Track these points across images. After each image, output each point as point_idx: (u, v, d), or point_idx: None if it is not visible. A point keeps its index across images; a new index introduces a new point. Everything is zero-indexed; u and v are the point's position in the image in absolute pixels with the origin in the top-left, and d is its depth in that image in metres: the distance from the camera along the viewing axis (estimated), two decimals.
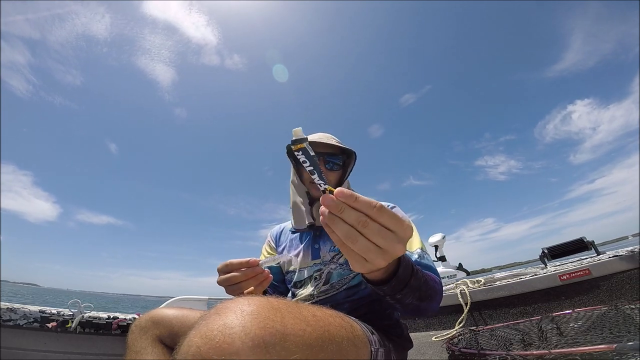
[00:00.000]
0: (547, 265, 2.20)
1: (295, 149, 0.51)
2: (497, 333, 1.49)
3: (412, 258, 0.84)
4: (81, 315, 1.40)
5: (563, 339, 1.15)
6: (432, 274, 0.82)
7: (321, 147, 1.00)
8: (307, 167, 0.51)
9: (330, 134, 1.07)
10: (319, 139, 1.01)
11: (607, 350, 0.80)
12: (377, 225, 0.47)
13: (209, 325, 0.48)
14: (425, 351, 1.72)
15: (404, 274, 0.52)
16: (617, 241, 56.68)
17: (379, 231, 0.47)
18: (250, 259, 0.67)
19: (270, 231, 1.18)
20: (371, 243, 0.47)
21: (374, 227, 0.47)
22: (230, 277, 0.66)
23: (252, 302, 0.49)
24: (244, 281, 0.66)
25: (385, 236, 0.47)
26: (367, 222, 0.47)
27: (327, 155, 1.00)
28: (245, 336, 0.49)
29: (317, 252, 0.96)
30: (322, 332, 0.50)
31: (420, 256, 0.84)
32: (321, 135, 1.05)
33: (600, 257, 1.82)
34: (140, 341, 0.75)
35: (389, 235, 0.47)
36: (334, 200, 0.48)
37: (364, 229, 0.47)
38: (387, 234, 0.47)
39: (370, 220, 0.47)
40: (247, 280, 0.66)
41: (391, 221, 0.47)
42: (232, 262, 0.67)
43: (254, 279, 0.67)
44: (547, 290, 1.83)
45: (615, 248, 1.91)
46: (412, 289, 0.55)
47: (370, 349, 0.59)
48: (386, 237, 0.47)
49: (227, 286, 0.67)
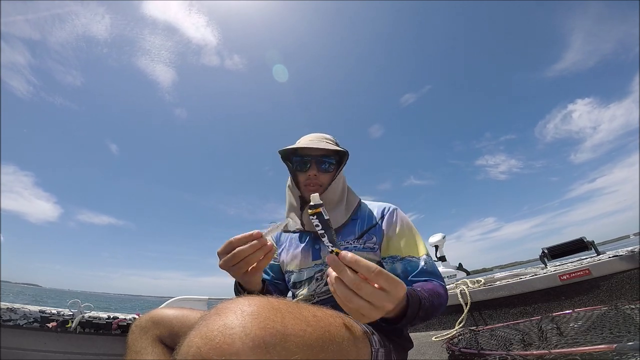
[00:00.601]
0: (547, 265, 2.20)
1: (311, 213, 0.57)
2: (497, 333, 1.49)
3: (419, 265, 0.87)
4: (81, 315, 1.40)
5: (563, 339, 1.15)
6: (437, 281, 0.86)
7: (313, 149, 1.01)
8: (319, 230, 0.57)
9: (323, 134, 1.07)
10: (310, 140, 1.01)
11: (607, 350, 0.80)
12: (371, 287, 0.53)
13: (209, 325, 0.48)
14: (425, 351, 1.72)
15: (412, 312, 0.58)
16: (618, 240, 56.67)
17: (372, 293, 0.53)
18: (253, 231, 0.66)
19: None
20: (364, 301, 0.53)
21: (368, 290, 0.53)
22: (237, 252, 0.64)
23: (252, 303, 0.49)
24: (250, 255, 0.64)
25: (377, 297, 0.54)
26: (360, 285, 0.53)
27: (320, 156, 1.00)
28: (246, 336, 0.49)
29: (318, 252, 0.96)
30: (323, 332, 0.50)
31: (426, 262, 0.88)
32: (315, 136, 1.05)
33: (600, 257, 1.82)
34: (141, 341, 0.76)
35: (382, 295, 0.54)
36: (336, 261, 0.54)
37: (359, 291, 0.53)
38: (380, 294, 0.54)
39: (365, 283, 0.53)
40: (254, 253, 0.65)
41: (386, 283, 0.54)
42: (235, 238, 0.65)
43: (260, 250, 0.66)
44: (547, 290, 1.83)
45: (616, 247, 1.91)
46: (420, 319, 0.63)
47: (370, 349, 0.59)
48: (379, 297, 0.54)
49: (233, 265, 0.65)
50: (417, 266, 0.87)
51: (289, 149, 1.01)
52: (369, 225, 0.97)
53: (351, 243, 0.93)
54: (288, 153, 1.05)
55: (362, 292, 0.53)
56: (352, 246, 0.92)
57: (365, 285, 0.53)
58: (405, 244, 0.92)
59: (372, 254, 0.92)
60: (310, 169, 0.99)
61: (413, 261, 0.88)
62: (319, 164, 0.99)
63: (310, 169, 0.99)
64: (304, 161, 1.00)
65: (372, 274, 0.53)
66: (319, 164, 0.99)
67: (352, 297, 0.53)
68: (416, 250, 0.91)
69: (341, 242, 0.94)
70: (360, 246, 0.92)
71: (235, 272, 0.68)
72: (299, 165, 1.01)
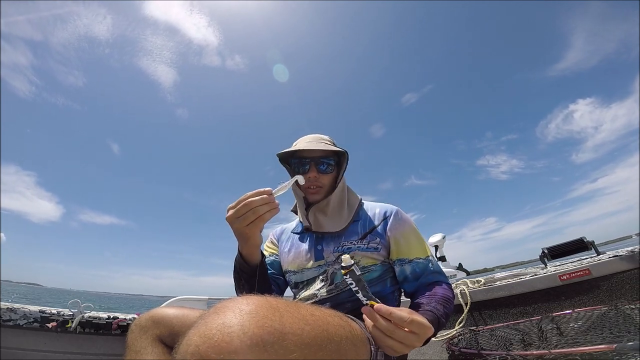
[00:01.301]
0: (547, 265, 2.19)
1: (344, 273, 0.65)
2: (497, 333, 1.49)
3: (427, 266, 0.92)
4: (81, 315, 1.40)
5: (563, 339, 1.15)
6: (444, 280, 0.91)
7: (312, 152, 1.01)
8: (352, 287, 0.66)
9: (320, 135, 1.07)
10: (309, 141, 1.01)
11: (607, 350, 0.80)
12: (403, 332, 0.60)
13: (208, 324, 0.49)
14: (425, 351, 1.71)
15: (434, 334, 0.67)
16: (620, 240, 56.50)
17: (404, 336, 0.60)
18: (265, 188, 0.73)
19: (273, 231, 1.19)
20: (396, 342, 0.60)
21: (400, 334, 0.60)
22: (248, 201, 0.71)
23: (250, 302, 0.49)
24: (258, 206, 0.71)
25: (408, 339, 0.61)
26: (394, 331, 0.60)
27: (319, 158, 1.00)
28: (244, 335, 0.49)
29: (320, 253, 0.96)
30: (321, 331, 0.50)
31: (433, 263, 0.92)
32: (312, 137, 1.05)
33: (600, 257, 1.82)
34: (140, 341, 0.75)
35: (413, 338, 0.61)
36: (372, 313, 0.62)
37: (392, 335, 0.60)
38: (411, 337, 0.61)
39: (397, 329, 0.60)
40: (262, 206, 0.71)
41: (418, 329, 0.60)
42: (247, 194, 0.72)
43: (268, 205, 0.72)
44: (547, 290, 1.83)
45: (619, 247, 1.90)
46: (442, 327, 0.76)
47: (370, 349, 0.59)
48: (410, 339, 0.61)
49: (241, 216, 0.71)
50: (426, 267, 0.91)
51: (287, 151, 1.01)
52: (371, 226, 0.97)
53: (355, 243, 0.93)
54: (286, 156, 1.05)
55: (395, 336, 0.60)
56: (356, 246, 0.93)
57: (398, 331, 0.60)
58: (411, 245, 0.93)
59: (375, 254, 0.93)
60: (309, 171, 0.99)
61: (421, 262, 0.91)
62: (318, 166, 0.99)
63: (310, 170, 0.99)
64: (303, 163, 1.00)
65: (405, 323, 0.59)
66: (318, 165, 0.99)
67: (386, 339, 0.60)
68: (422, 251, 0.93)
69: (344, 242, 0.95)
70: (364, 246, 0.93)
71: (242, 222, 0.72)
72: (298, 167, 1.01)
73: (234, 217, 0.72)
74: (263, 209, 0.71)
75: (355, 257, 0.91)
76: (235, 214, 0.72)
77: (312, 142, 1.01)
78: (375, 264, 0.92)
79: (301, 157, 1.01)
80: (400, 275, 0.93)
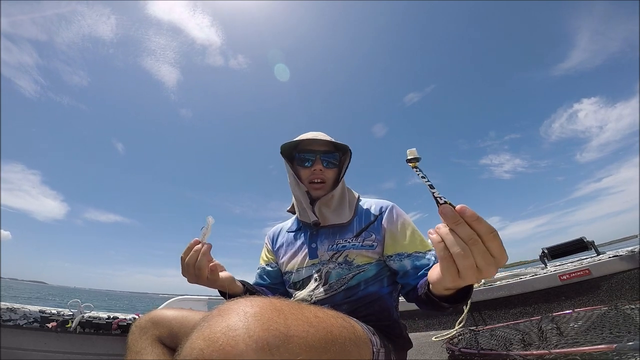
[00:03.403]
0: (547, 265, 2.20)
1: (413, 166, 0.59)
2: (497, 333, 1.49)
3: (429, 260, 0.87)
4: (81, 315, 1.40)
5: (563, 339, 1.16)
6: None
7: (316, 145, 1.01)
8: (426, 182, 0.56)
9: (323, 132, 1.07)
10: (313, 137, 1.01)
11: (607, 350, 0.81)
12: (484, 247, 0.50)
13: (212, 327, 0.48)
14: (425, 351, 1.72)
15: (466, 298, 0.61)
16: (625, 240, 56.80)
17: (484, 253, 0.50)
18: (192, 240, 0.81)
19: (268, 234, 1.18)
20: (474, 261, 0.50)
21: (481, 249, 0.50)
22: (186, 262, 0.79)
23: (254, 304, 0.48)
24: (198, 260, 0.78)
25: (488, 260, 0.50)
26: (477, 241, 0.49)
27: (323, 153, 1.00)
28: (249, 338, 0.48)
29: (315, 251, 0.95)
30: (325, 333, 0.50)
31: (434, 257, 0.88)
32: (316, 133, 1.05)
33: (600, 257, 1.83)
34: (140, 341, 0.76)
35: (491, 260, 0.50)
36: (453, 213, 0.51)
37: (473, 247, 0.50)
38: (490, 258, 0.50)
39: (479, 242, 0.50)
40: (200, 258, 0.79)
41: (498, 249, 0.50)
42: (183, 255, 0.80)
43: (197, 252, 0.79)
44: (547, 290, 1.84)
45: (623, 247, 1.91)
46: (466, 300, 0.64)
47: (372, 349, 0.59)
48: (489, 260, 0.50)
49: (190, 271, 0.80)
50: (427, 261, 0.87)
51: (292, 142, 1.01)
52: (367, 222, 0.96)
53: (349, 241, 0.93)
54: (289, 150, 1.05)
55: (476, 249, 0.49)
56: (351, 244, 0.92)
57: (481, 244, 0.49)
58: (409, 240, 0.91)
59: (370, 252, 0.92)
60: (315, 164, 0.99)
61: (420, 256, 0.88)
62: (323, 159, 1.00)
63: (315, 163, 0.99)
64: (307, 157, 1.00)
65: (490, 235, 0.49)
66: (323, 159, 1.00)
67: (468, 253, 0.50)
68: (422, 245, 0.90)
69: (339, 240, 0.94)
70: (359, 244, 0.92)
71: (191, 279, 0.81)
72: (303, 160, 1.01)
73: (189, 277, 0.81)
74: (200, 262, 0.79)
75: (349, 255, 0.91)
76: (185, 274, 0.81)
77: (318, 136, 1.01)
78: (370, 262, 0.92)
79: (305, 151, 1.01)
80: (400, 269, 0.90)
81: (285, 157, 1.05)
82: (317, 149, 1.01)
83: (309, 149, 1.01)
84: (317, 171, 0.99)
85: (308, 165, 1.00)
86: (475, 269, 0.50)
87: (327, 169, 1.00)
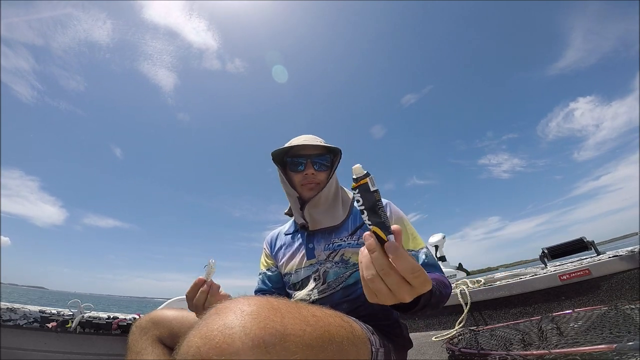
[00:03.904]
0: (547, 265, 2.20)
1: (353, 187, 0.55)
2: (497, 333, 1.49)
3: (420, 258, 0.87)
4: (81, 315, 1.40)
5: (563, 339, 1.15)
6: (439, 273, 0.85)
7: (308, 149, 1.02)
8: (358, 205, 0.54)
9: (315, 136, 1.08)
10: (304, 141, 1.02)
11: (607, 350, 0.80)
12: (397, 278, 0.51)
13: (209, 325, 0.48)
14: (425, 351, 1.72)
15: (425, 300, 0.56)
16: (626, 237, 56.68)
17: (397, 284, 0.51)
18: (196, 279, 0.79)
19: (266, 239, 1.18)
20: (385, 286, 0.51)
21: (394, 280, 0.51)
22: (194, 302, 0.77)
23: (251, 303, 0.49)
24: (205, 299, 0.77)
25: (401, 289, 0.51)
26: (389, 273, 0.51)
27: (315, 156, 1.01)
28: (245, 336, 0.49)
29: (312, 251, 0.96)
30: (322, 332, 0.50)
31: (426, 255, 0.88)
32: (306, 137, 1.06)
33: (600, 257, 1.82)
34: (141, 342, 0.76)
35: (406, 289, 0.51)
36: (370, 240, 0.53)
37: (385, 277, 0.51)
38: (405, 287, 0.51)
39: (394, 273, 0.51)
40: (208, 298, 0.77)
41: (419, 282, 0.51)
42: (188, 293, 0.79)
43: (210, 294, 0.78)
44: (547, 290, 1.84)
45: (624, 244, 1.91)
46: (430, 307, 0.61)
47: (370, 349, 0.59)
48: (402, 290, 0.51)
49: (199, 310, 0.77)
50: (419, 259, 0.87)
51: (283, 149, 1.02)
52: (362, 220, 0.96)
53: (345, 240, 0.93)
54: (280, 154, 1.05)
55: (388, 280, 0.51)
56: (346, 243, 0.93)
57: (394, 276, 0.50)
58: (404, 237, 0.92)
59: None
60: (307, 168, 1.00)
61: (413, 254, 0.88)
62: (315, 163, 1.00)
63: (307, 167, 1.00)
64: (299, 161, 1.01)
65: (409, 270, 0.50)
66: (314, 162, 1.00)
67: (377, 280, 0.51)
68: (415, 243, 0.91)
69: (335, 239, 0.95)
70: (354, 242, 0.93)
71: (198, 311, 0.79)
72: (295, 165, 1.02)
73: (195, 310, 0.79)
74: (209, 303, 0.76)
75: (345, 254, 0.91)
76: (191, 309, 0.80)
77: (308, 140, 1.02)
78: None
79: (297, 156, 1.02)
80: None
81: (277, 163, 1.06)
82: (308, 152, 1.01)
83: (300, 153, 1.02)
84: (309, 175, 1.00)
85: (300, 169, 1.01)
86: (388, 293, 0.51)
87: (319, 172, 1.01)
